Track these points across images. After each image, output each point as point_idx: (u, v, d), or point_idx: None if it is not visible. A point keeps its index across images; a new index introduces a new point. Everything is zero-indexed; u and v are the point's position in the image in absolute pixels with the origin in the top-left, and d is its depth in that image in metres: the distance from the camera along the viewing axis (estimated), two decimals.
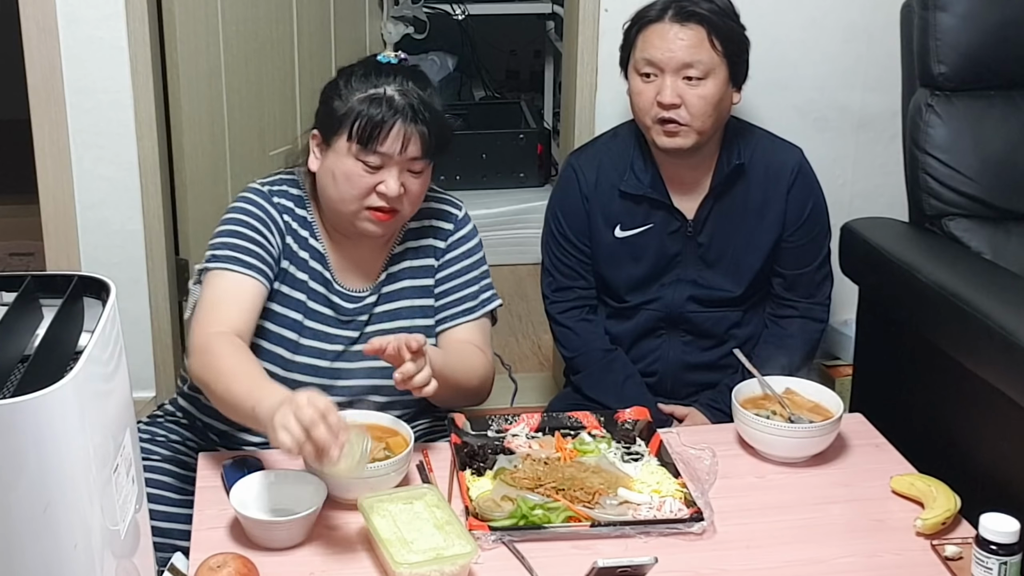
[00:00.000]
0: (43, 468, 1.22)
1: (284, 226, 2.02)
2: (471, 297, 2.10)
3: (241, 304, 1.92)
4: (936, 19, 2.37)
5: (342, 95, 1.95)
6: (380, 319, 2.06)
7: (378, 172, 1.92)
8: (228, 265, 1.94)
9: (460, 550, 1.62)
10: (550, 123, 4.72)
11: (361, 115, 1.90)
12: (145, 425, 2.13)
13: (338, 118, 1.93)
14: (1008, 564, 1.60)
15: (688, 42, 2.21)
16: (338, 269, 2.05)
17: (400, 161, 1.92)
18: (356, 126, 1.90)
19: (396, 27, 3.83)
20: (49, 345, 1.34)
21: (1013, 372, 1.90)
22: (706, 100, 2.22)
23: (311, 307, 2.02)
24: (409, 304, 2.08)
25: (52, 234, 2.82)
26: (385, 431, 1.86)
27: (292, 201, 2.04)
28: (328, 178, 1.96)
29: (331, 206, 1.99)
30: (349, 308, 2.04)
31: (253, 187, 2.05)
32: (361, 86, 1.94)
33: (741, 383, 2.05)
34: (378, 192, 1.92)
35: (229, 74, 2.90)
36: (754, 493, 1.87)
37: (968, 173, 2.38)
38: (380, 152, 1.90)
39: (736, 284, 2.38)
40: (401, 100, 1.91)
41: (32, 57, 2.69)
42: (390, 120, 1.89)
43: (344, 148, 1.93)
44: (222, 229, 1.99)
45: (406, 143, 1.90)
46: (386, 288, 2.07)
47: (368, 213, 1.95)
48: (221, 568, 1.58)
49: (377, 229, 1.97)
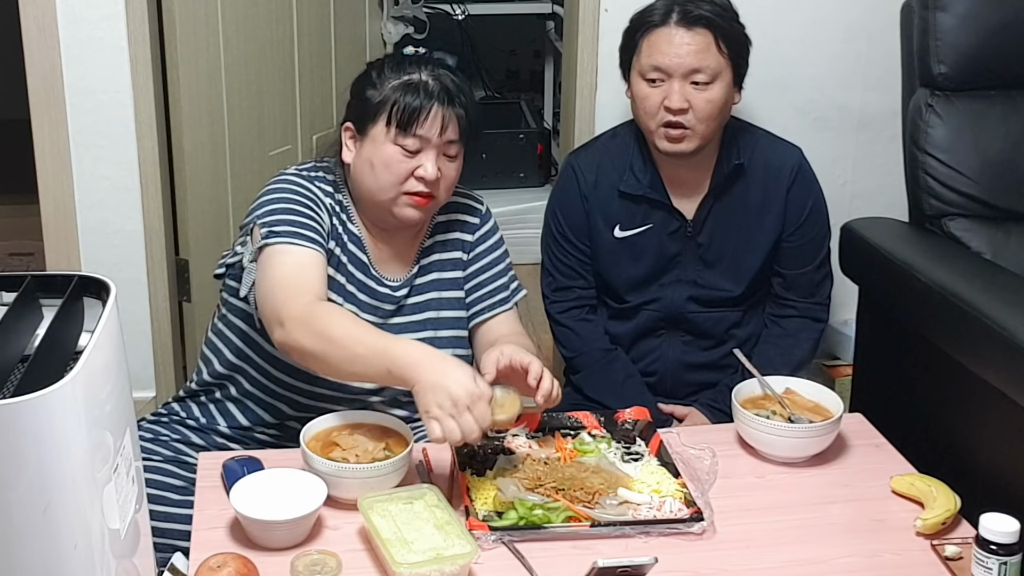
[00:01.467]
0: (43, 468, 1.22)
1: (328, 207, 2.04)
2: (503, 288, 2.15)
3: (315, 275, 1.94)
4: (936, 19, 2.37)
5: (376, 85, 1.99)
6: (410, 311, 2.09)
7: (416, 156, 1.96)
8: (291, 240, 1.94)
9: (460, 550, 1.62)
10: (550, 123, 4.73)
11: (399, 100, 1.95)
12: (146, 425, 2.14)
13: (374, 106, 1.97)
14: (1008, 564, 1.59)
15: (696, 47, 2.21)
16: (375, 259, 2.08)
17: (438, 144, 1.96)
18: (395, 110, 1.95)
19: (396, 27, 3.83)
20: (49, 345, 1.34)
21: (1013, 372, 1.90)
22: (713, 104, 2.22)
23: (349, 290, 2.04)
24: (438, 296, 2.11)
25: (52, 234, 2.82)
26: (385, 431, 1.86)
27: (330, 186, 2.07)
28: (365, 167, 1.99)
29: (369, 196, 2.02)
30: (382, 294, 2.07)
31: (291, 170, 2.07)
32: (394, 75, 1.99)
33: (741, 383, 2.05)
34: (416, 176, 1.97)
35: (229, 74, 2.90)
36: (754, 493, 1.87)
37: (968, 173, 2.38)
38: (419, 135, 1.95)
39: (736, 284, 2.38)
40: (436, 84, 1.97)
41: (32, 57, 2.69)
42: (427, 104, 1.95)
43: (382, 135, 1.96)
44: (273, 207, 1.98)
45: (445, 125, 1.96)
46: (418, 280, 2.10)
47: (407, 198, 1.98)
48: (221, 568, 1.57)
49: (416, 213, 2.00)
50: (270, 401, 2.08)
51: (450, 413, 1.69)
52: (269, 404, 2.08)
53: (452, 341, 2.10)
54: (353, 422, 1.87)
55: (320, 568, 1.61)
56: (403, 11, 4.04)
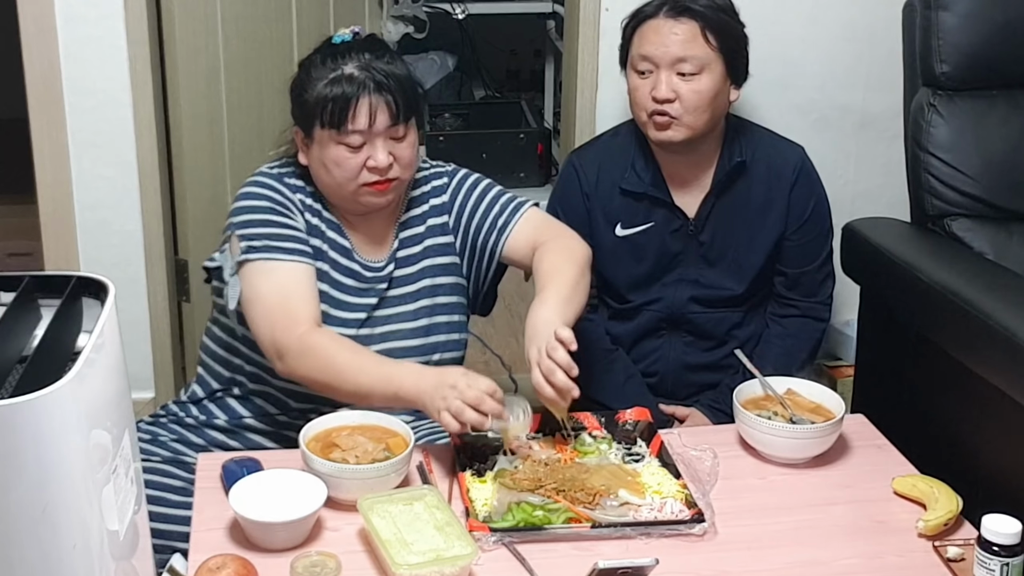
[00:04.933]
0: (42, 468, 1.21)
1: (301, 205, 2.05)
2: (507, 205, 2.14)
3: (304, 292, 1.96)
4: (938, 18, 2.37)
5: (306, 87, 1.99)
6: (401, 283, 2.10)
7: (362, 149, 1.96)
8: (271, 255, 1.96)
9: (460, 551, 1.61)
10: (550, 123, 4.72)
11: (326, 100, 1.95)
12: (145, 425, 2.14)
13: (308, 109, 1.98)
14: (1010, 565, 1.59)
15: (682, 37, 2.22)
16: (355, 243, 2.09)
17: (378, 132, 1.96)
18: (324, 112, 1.95)
19: (396, 26, 3.83)
20: (48, 345, 1.33)
21: (1016, 373, 1.90)
22: (700, 95, 2.22)
23: (335, 277, 2.05)
24: (431, 263, 2.12)
25: (51, 234, 2.82)
26: (385, 432, 1.86)
27: (302, 180, 2.07)
28: (320, 168, 2.00)
29: (331, 192, 2.03)
30: (368, 276, 2.08)
31: (262, 172, 2.08)
32: (321, 73, 1.98)
33: (742, 384, 2.05)
34: (369, 168, 1.96)
35: (229, 74, 2.89)
36: (755, 494, 1.87)
37: (970, 173, 2.38)
38: (354, 130, 1.94)
39: (738, 283, 2.37)
40: (360, 75, 1.95)
41: (31, 56, 2.69)
42: (353, 97, 1.94)
43: (323, 137, 1.97)
44: (249, 217, 2.00)
45: (375, 115, 1.95)
46: (401, 253, 2.11)
47: (367, 188, 1.99)
48: (220, 569, 1.57)
49: (381, 199, 2.01)
50: (272, 393, 2.09)
51: (454, 396, 1.76)
52: (271, 395, 2.09)
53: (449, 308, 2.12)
54: (353, 423, 1.87)
55: (320, 569, 1.60)
56: (403, 10, 4.04)
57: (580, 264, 2.05)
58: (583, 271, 2.05)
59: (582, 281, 2.03)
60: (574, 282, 2.00)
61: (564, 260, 2.03)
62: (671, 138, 2.25)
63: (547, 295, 1.94)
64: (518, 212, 2.13)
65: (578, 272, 2.03)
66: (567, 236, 2.13)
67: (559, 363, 1.82)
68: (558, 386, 1.82)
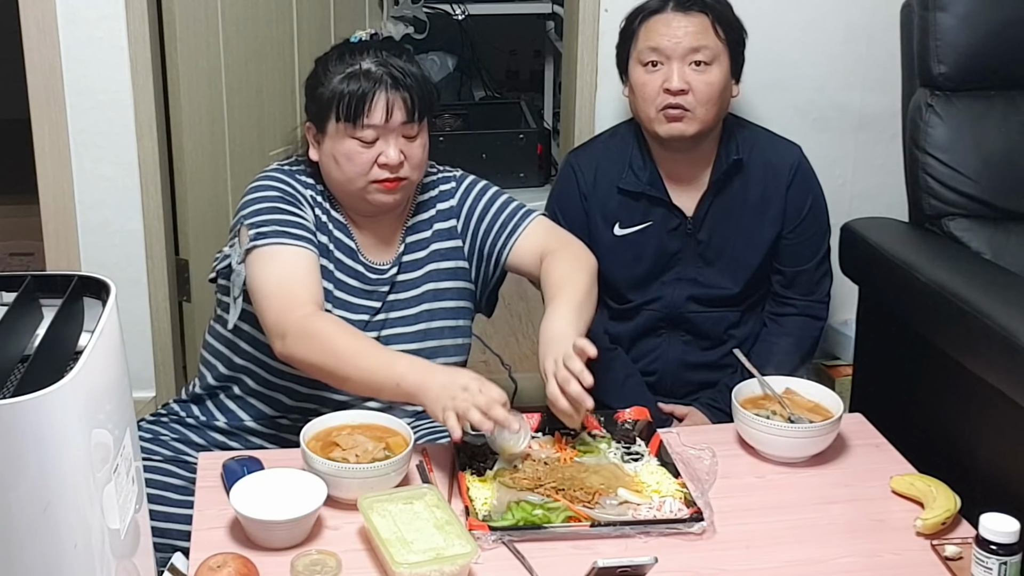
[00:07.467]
0: (43, 468, 1.22)
1: (311, 200, 2.05)
2: (514, 212, 2.14)
3: (308, 277, 1.96)
4: (936, 19, 2.37)
5: (323, 81, 2.00)
6: (403, 287, 2.10)
7: (375, 145, 1.97)
8: (279, 240, 1.96)
9: (460, 550, 1.62)
10: (550, 123, 4.72)
11: (343, 94, 1.96)
12: (146, 424, 2.14)
13: (324, 103, 1.99)
14: (1008, 564, 1.59)
15: (694, 28, 2.24)
16: (361, 244, 2.09)
17: (392, 129, 1.97)
18: (341, 105, 1.96)
19: (396, 27, 3.83)
20: (49, 345, 1.34)
21: (1013, 372, 1.90)
22: (712, 87, 2.23)
23: (338, 277, 2.06)
24: (435, 267, 2.12)
25: (52, 234, 2.82)
26: (385, 431, 1.86)
27: (311, 178, 2.08)
28: (331, 163, 2.01)
29: (340, 189, 2.04)
30: (372, 278, 2.08)
31: (274, 167, 2.09)
32: (338, 67, 1.99)
33: (741, 383, 2.05)
34: (380, 164, 1.97)
35: (229, 74, 2.90)
36: (754, 493, 1.87)
37: (968, 173, 2.38)
38: (369, 125, 1.96)
39: (735, 281, 2.38)
40: (378, 70, 1.97)
41: (32, 57, 2.69)
42: (371, 92, 1.95)
43: (336, 130, 1.98)
44: (259, 207, 2.01)
45: (391, 111, 1.96)
46: (407, 257, 2.11)
47: (376, 186, 1.99)
48: (221, 568, 1.57)
49: (389, 198, 2.01)
50: (270, 394, 2.09)
51: (464, 399, 1.75)
52: (269, 397, 2.09)
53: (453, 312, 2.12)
54: (353, 423, 1.87)
55: (320, 568, 1.61)
56: (403, 11, 4.04)
57: (590, 273, 2.06)
58: (593, 280, 2.06)
59: (592, 290, 2.04)
60: (586, 291, 2.00)
61: (575, 269, 2.04)
62: (683, 131, 2.26)
63: (559, 304, 1.94)
64: (526, 220, 2.13)
65: (589, 281, 2.04)
66: (574, 245, 2.13)
67: (574, 372, 1.81)
68: (572, 397, 1.82)
